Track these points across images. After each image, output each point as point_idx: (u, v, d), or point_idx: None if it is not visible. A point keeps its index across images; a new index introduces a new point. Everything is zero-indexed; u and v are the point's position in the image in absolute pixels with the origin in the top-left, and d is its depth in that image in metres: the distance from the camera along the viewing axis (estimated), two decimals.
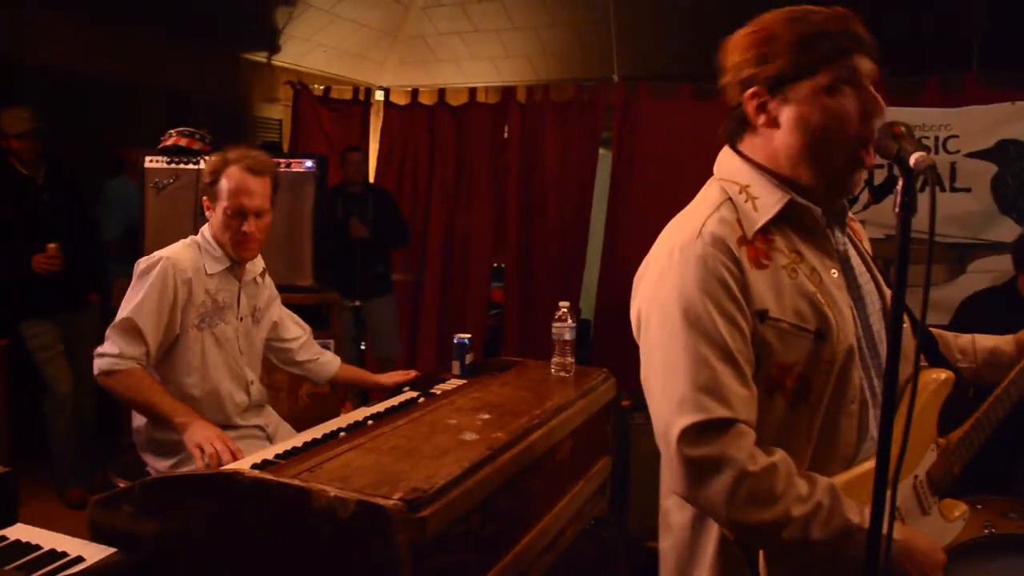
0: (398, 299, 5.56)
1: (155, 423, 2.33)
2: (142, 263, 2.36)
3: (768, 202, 1.33)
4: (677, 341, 1.27)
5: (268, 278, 2.69)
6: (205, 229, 2.48)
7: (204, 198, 2.47)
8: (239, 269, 2.50)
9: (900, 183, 1.07)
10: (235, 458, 2.03)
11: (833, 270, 1.36)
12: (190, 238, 2.50)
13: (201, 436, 2.10)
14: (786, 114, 1.31)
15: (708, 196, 1.40)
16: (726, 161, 1.42)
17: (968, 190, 4.44)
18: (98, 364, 2.28)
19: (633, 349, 1.43)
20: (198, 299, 2.39)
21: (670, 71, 5.36)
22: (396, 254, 5.51)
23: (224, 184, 2.39)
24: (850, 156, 1.29)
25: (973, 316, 3.38)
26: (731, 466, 1.21)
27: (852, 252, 1.44)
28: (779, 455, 1.26)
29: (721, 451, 1.22)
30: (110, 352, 2.26)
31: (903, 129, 1.14)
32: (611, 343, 5.03)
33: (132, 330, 2.27)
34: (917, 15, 4.92)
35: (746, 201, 1.35)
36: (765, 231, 1.32)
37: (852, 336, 1.32)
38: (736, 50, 1.36)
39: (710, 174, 1.47)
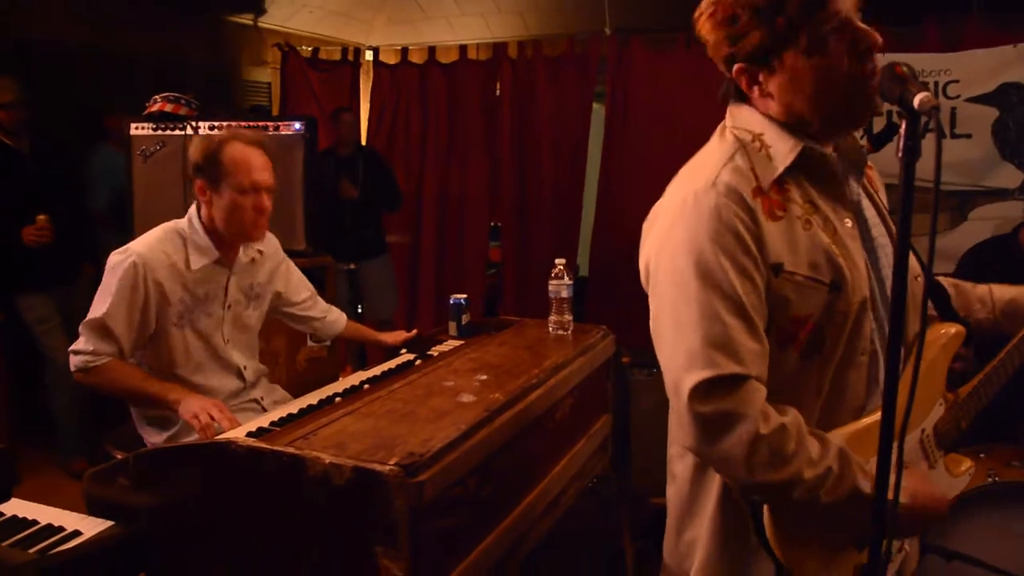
0: (395, 261, 5.52)
1: (149, 406, 2.29)
2: (113, 257, 2.26)
3: (782, 150, 1.29)
4: (688, 294, 1.24)
5: (272, 247, 2.58)
6: (193, 216, 2.35)
7: (199, 182, 2.30)
8: (228, 257, 2.39)
9: (903, 126, 1.03)
10: (232, 426, 2.01)
11: (847, 220, 1.32)
12: (172, 225, 2.35)
13: (197, 406, 2.07)
14: (778, 84, 1.28)
15: (721, 144, 1.35)
16: (738, 112, 1.37)
17: (969, 136, 4.38)
18: (73, 362, 2.23)
19: (632, 305, 1.40)
20: (174, 298, 2.28)
21: (662, 22, 5.25)
22: (390, 216, 5.45)
23: (230, 162, 2.25)
24: (856, 97, 1.25)
25: (974, 267, 3.35)
26: (743, 422, 1.19)
27: (866, 203, 1.40)
28: (791, 414, 1.23)
29: (733, 408, 1.20)
30: (84, 350, 2.21)
31: (905, 69, 1.09)
32: (609, 299, 5.01)
33: (104, 330, 2.21)
34: None
35: (760, 150, 1.30)
36: (780, 181, 1.28)
37: (866, 287, 1.29)
38: (705, 30, 1.32)
39: (705, 125, 1.43)
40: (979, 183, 4.37)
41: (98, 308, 2.23)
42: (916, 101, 1.01)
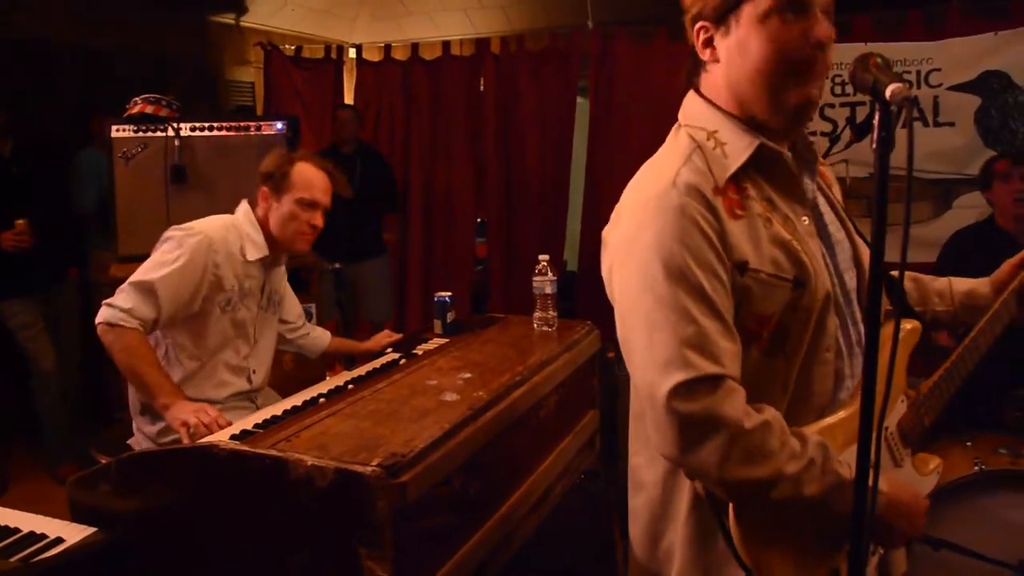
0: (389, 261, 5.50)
1: (141, 392, 2.29)
2: (177, 231, 2.33)
3: (738, 147, 1.29)
4: (658, 296, 1.21)
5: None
6: (248, 212, 2.47)
7: (264, 187, 2.46)
8: (274, 258, 2.52)
9: (876, 117, 1.02)
10: (222, 427, 2.00)
11: (804, 217, 1.32)
12: (227, 218, 2.47)
13: (187, 411, 2.06)
14: (728, 45, 1.28)
15: (677, 145, 1.34)
16: (691, 106, 1.37)
17: (952, 124, 4.39)
18: (104, 313, 2.22)
19: None
20: (227, 284, 2.37)
21: (644, 14, 5.25)
22: (387, 217, 5.42)
23: (298, 178, 2.44)
24: (795, 81, 1.25)
25: (955, 255, 3.35)
26: (724, 425, 1.17)
27: (821, 199, 1.40)
28: (771, 412, 1.22)
29: (715, 409, 1.17)
30: (121, 305, 2.20)
31: (879, 60, 1.09)
32: (598, 294, 4.94)
33: (150, 294, 2.22)
34: None
35: (715, 148, 1.29)
36: (736, 179, 1.28)
37: (828, 284, 1.29)
38: None
39: None
40: (963, 171, 4.39)
41: (151, 272, 2.25)
42: (888, 92, 1.00)
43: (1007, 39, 4.33)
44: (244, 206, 2.50)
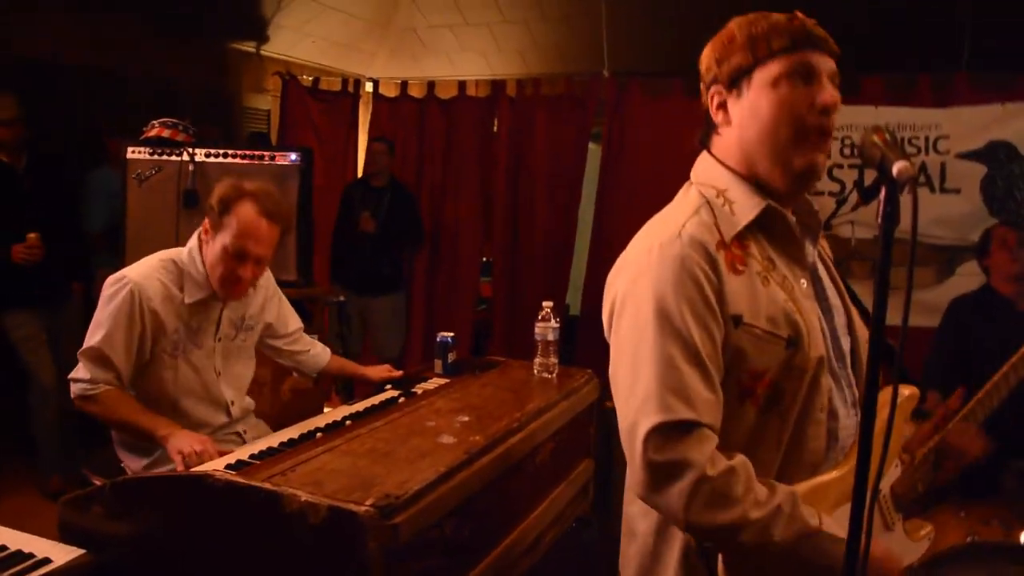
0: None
1: (140, 438, 2.26)
2: (109, 285, 2.26)
3: (746, 206, 1.34)
4: (647, 339, 1.27)
5: (266, 279, 2.56)
6: (194, 249, 2.34)
7: (206, 221, 2.30)
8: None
9: (882, 192, 1.05)
10: (212, 457, 2.00)
11: (803, 280, 1.37)
12: (169, 254, 2.34)
13: (184, 442, 2.04)
14: (740, 107, 1.35)
15: (686, 200, 1.41)
16: (703, 166, 1.43)
17: (958, 191, 4.43)
18: (73, 390, 2.24)
19: None
20: (169, 328, 2.28)
21: (661, 67, 5.32)
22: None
23: (234, 220, 2.23)
24: (802, 146, 1.31)
25: (958, 323, 3.38)
26: (691, 469, 1.21)
27: (820, 266, 1.45)
28: (738, 458, 1.25)
29: (683, 455, 1.21)
30: (83, 378, 2.21)
31: (887, 136, 1.12)
32: (599, 340, 4.96)
33: (101, 358, 2.21)
34: (909, 14, 4.91)
35: (724, 205, 1.36)
36: (741, 237, 1.33)
37: (822, 346, 1.33)
38: (704, 58, 1.41)
39: None
40: (967, 238, 4.41)
41: (95, 336, 2.22)
42: (895, 169, 1.03)
43: (1014, 111, 4.38)
44: (194, 240, 2.35)
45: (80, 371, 2.23)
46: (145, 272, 2.28)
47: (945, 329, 3.41)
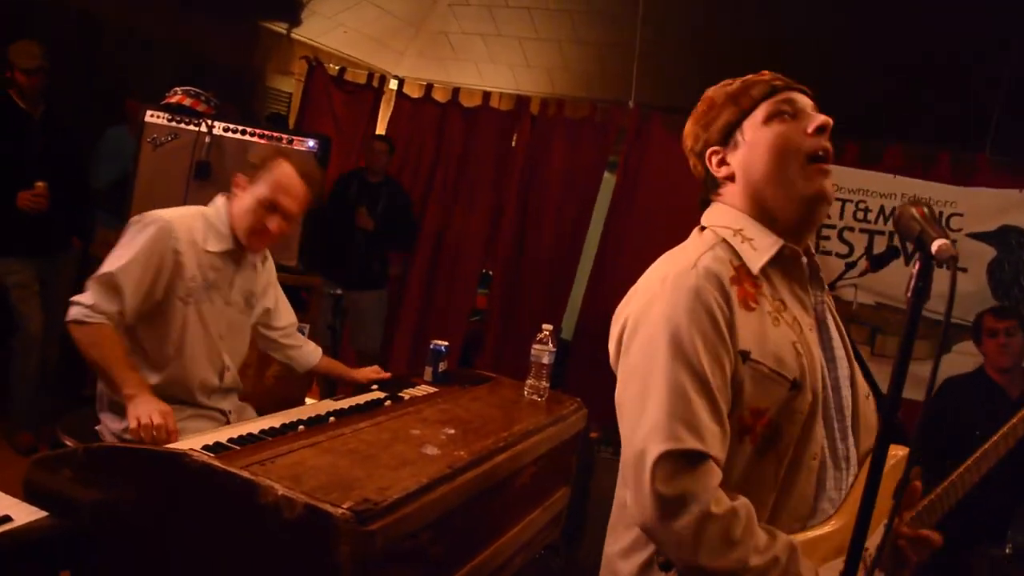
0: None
1: (107, 385, 2.24)
2: (138, 219, 2.28)
3: (764, 243, 1.37)
4: (658, 366, 1.27)
5: (269, 263, 2.62)
6: (220, 202, 2.40)
7: (240, 175, 2.38)
8: (241, 254, 2.42)
9: (916, 267, 1.03)
10: (169, 439, 1.95)
11: (809, 326, 1.38)
12: (197, 208, 2.41)
13: (143, 409, 2.01)
14: (739, 158, 1.41)
15: (701, 238, 1.43)
16: (716, 211, 1.46)
17: (965, 270, 4.43)
18: (71, 311, 2.20)
19: (607, 379, 1.41)
20: (188, 272, 2.29)
21: (686, 105, 5.32)
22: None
23: (271, 174, 2.33)
24: (805, 171, 1.35)
25: (950, 403, 3.41)
26: (696, 503, 1.20)
27: (829, 316, 1.46)
28: (741, 500, 1.25)
29: (690, 488, 1.21)
30: (85, 302, 2.18)
31: (926, 211, 1.11)
32: (588, 368, 4.98)
33: (112, 287, 2.18)
34: (940, 91, 4.93)
35: (742, 242, 1.38)
36: (755, 275, 1.35)
37: (819, 391, 1.34)
38: (688, 134, 1.50)
39: None
40: (966, 318, 4.39)
41: (112, 263, 2.21)
42: (935, 247, 1.02)
43: None
44: (220, 198, 2.42)
45: (85, 296, 2.20)
46: (178, 214, 2.33)
47: (935, 407, 3.43)
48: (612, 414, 1.37)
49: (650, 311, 1.31)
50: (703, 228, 1.45)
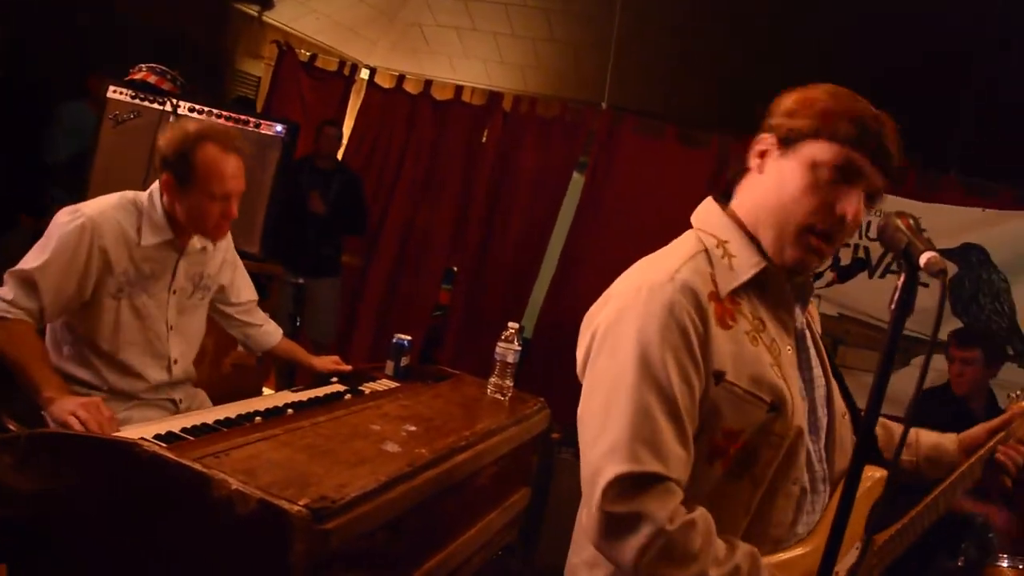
0: (343, 283, 5.41)
1: (25, 387, 2.07)
2: (62, 215, 2.14)
3: (746, 263, 1.31)
4: (624, 383, 1.21)
5: (227, 243, 2.50)
6: (155, 192, 2.24)
7: (166, 176, 2.18)
8: (181, 241, 2.29)
9: (901, 279, 1.01)
10: (110, 428, 1.84)
11: (788, 347, 1.34)
12: (130, 195, 2.25)
13: (71, 405, 1.88)
14: (777, 166, 1.30)
15: (684, 243, 1.36)
16: (706, 212, 1.40)
17: (926, 286, 4.45)
18: None
19: (570, 380, 1.37)
20: (117, 268, 2.17)
21: (658, 109, 5.33)
22: (349, 238, 5.36)
23: (203, 166, 2.14)
24: (804, 235, 1.27)
25: (919, 411, 3.44)
26: (649, 523, 1.16)
27: (808, 334, 1.42)
28: (699, 511, 1.21)
29: (642, 508, 1.16)
30: (4, 297, 2.06)
31: (912, 222, 1.08)
32: (548, 368, 4.95)
33: (30, 284, 2.07)
34: (906, 110, 4.97)
35: (723, 257, 1.31)
36: (735, 293, 1.29)
37: (803, 417, 1.29)
38: (781, 103, 1.35)
39: (678, 218, 1.45)
40: (925, 332, 4.45)
41: (31, 261, 2.09)
42: (923, 260, 1.00)
43: (992, 218, 4.45)
44: (155, 186, 2.25)
45: (4, 290, 2.08)
46: (102, 208, 2.17)
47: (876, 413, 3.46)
48: (572, 415, 1.33)
49: (621, 323, 1.25)
50: (692, 230, 1.39)
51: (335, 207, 4.95)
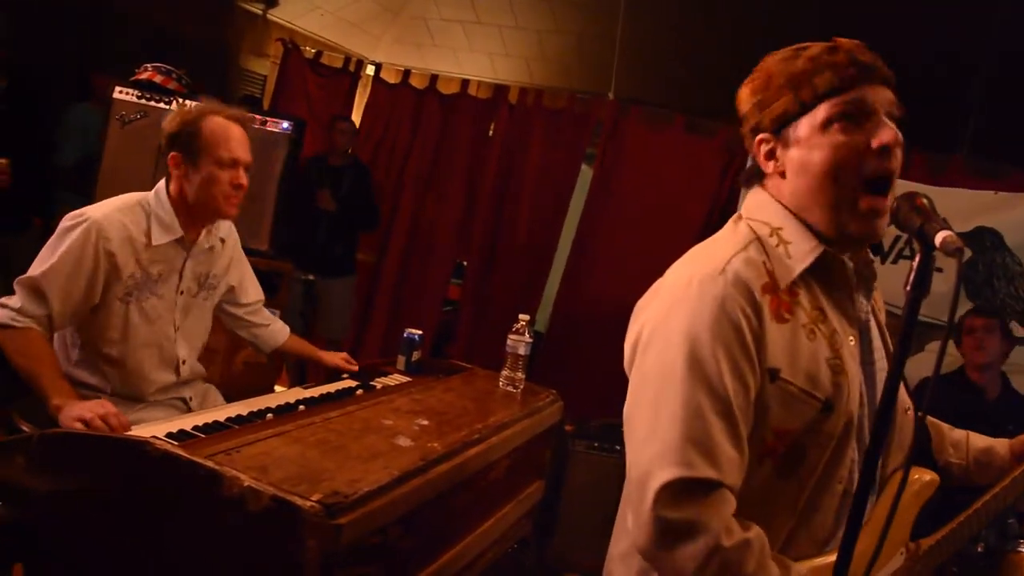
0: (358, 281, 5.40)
1: (37, 394, 2.06)
2: (67, 220, 2.13)
3: (802, 249, 1.24)
4: (674, 382, 1.16)
5: (232, 240, 2.48)
6: (161, 189, 2.24)
7: (174, 155, 2.18)
8: (190, 237, 2.28)
9: (916, 259, 0.99)
10: (125, 428, 1.83)
11: (851, 337, 1.26)
12: (136, 196, 2.24)
13: (79, 410, 1.85)
14: (790, 158, 1.24)
15: (735, 233, 1.29)
16: (756, 201, 1.32)
17: (940, 270, 4.42)
18: None
19: (584, 373, 1.35)
20: (125, 272, 2.15)
21: (666, 99, 5.30)
22: (364, 236, 5.35)
23: (210, 134, 2.16)
24: (857, 195, 1.20)
25: (931, 397, 3.40)
26: (705, 534, 1.11)
27: (873, 323, 1.35)
28: (754, 531, 1.16)
29: (698, 517, 1.11)
30: (11, 306, 2.06)
31: (926, 202, 1.06)
32: (561, 361, 4.93)
33: (37, 292, 2.06)
34: (916, 92, 4.94)
35: (778, 245, 1.25)
36: (793, 283, 1.22)
37: (854, 411, 1.23)
38: (742, 101, 1.31)
39: (688, 208, 1.42)
40: (940, 318, 4.41)
41: (37, 268, 2.09)
42: (938, 239, 0.97)
43: (1006, 200, 4.40)
44: (160, 184, 2.25)
45: (13, 299, 2.07)
46: (107, 212, 2.16)
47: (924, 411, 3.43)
48: (587, 407, 1.30)
49: (671, 318, 1.19)
50: (740, 218, 1.33)
51: (346, 204, 4.93)
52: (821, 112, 1.20)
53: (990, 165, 4.51)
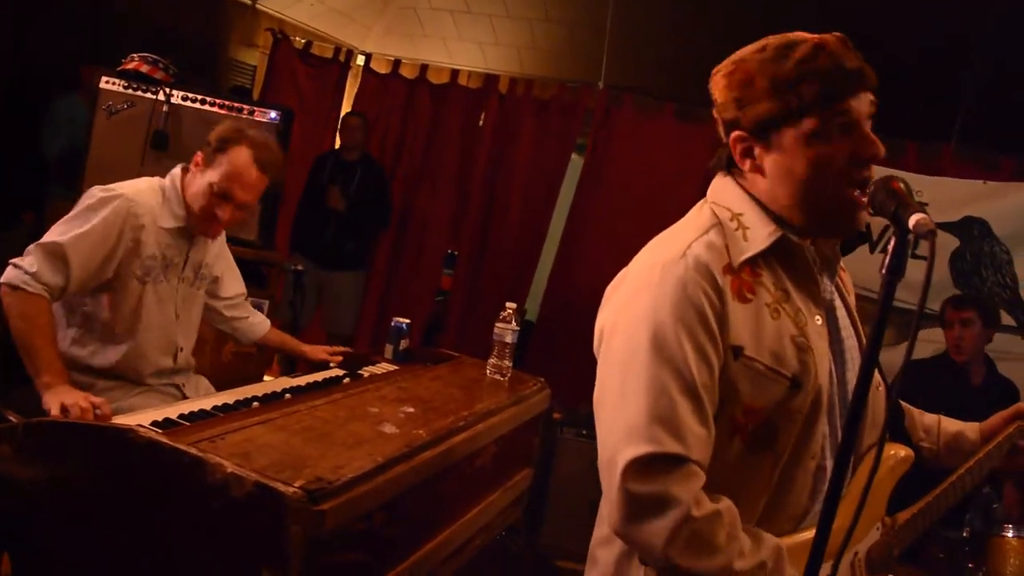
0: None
1: (28, 367, 2.05)
2: (98, 191, 2.14)
3: (760, 234, 1.25)
4: (639, 364, 1.18)
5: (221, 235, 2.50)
6: (176, 176, 2.28)
7: (200, 154, 2.25)
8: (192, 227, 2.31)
9: (892, 243, 1.00)
10: (108, 418, 1.84)
11: (817, 317, 1.28)
12: (156, 180, 2.28)
13: (68, 395, 1.88)
14: (771, 162, 1.25)
15: (697, 217, 1.31)
16: (721, 186, 1.34)
17: (925, 258, 4.45)
18: (8, 273, 2.05)
19: (574, 362, 1.36)
20: (146, 252, 2.18)
21: (656, 88, 5.29)
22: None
23: (226, 160, 2.19)
24: (841, 201, 1.21)
25: (914, 383, 3.42)
26: (674, 507, 1.13)
27: (839, 303, 1.37)
28: (724, 503, 1.18)
29: (666, 489, 1.13)
30: (27, 268, 2.03)
31: (902, 185, 1.07)
32: (552, 350, 4.95)
33: (59, 258, 2.04)
34: (907, 82, 4.94)
35: (736, 229, 1.26)
36: (753, 263, 1.24)
37: (824, 388, 1.25)
38: (718, 89, 1.29)
39: (677, 196, 1.42)
40: (928, 306, 4.44)
41: (63, 234, 2.07)
42: (912, 222, 0.98)
43: (994, 190, 4.42)
44: (176, 170, 2.30)
45: (28, 261, 2.04)
46: (138, 189, 2.21)
47: (902, 388, 3.45)
48: (576, 395, 1.32)
49: (635, 304, 1.22)
50: (705, 202, 1.34)
51: (356, 201, 4.91)
52: (807, 124, 1.19)
53: (980, 154, 4.52)
